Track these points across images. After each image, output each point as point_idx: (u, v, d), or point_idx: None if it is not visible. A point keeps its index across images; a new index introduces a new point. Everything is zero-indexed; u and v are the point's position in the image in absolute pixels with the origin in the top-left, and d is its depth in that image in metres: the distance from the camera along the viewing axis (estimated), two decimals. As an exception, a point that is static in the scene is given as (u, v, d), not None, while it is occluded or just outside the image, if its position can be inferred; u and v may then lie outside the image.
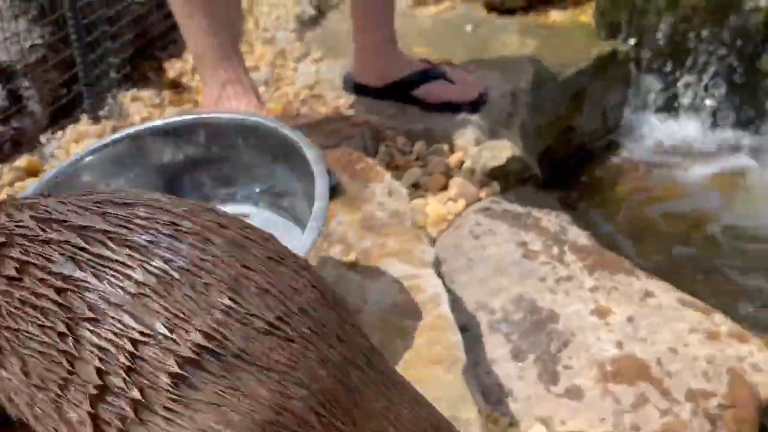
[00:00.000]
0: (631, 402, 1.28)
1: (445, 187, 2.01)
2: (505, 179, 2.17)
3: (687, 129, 2.90)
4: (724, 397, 1.35)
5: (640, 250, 2.32)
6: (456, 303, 1.53)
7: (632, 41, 2.94)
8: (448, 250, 1.66)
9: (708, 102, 2.85)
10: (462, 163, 2.11)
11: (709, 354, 1.45)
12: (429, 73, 2.21)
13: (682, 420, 1.27)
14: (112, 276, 0.72)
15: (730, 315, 1.98)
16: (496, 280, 1.56)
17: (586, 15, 3.14)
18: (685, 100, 2.90)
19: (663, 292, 1.62)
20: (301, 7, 2.93)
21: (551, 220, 1.85)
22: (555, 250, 1.66)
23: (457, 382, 1.02)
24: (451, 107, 2.19)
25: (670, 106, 2.95)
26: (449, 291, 1.54)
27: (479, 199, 1.99)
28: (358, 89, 2.27)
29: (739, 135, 2.79)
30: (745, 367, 1.52)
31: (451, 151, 2.13)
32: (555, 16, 3.22)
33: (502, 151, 2.15)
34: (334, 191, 1.45)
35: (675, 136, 2.89)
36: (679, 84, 2.91)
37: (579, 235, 1.81)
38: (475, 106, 2.21)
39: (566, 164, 2.80)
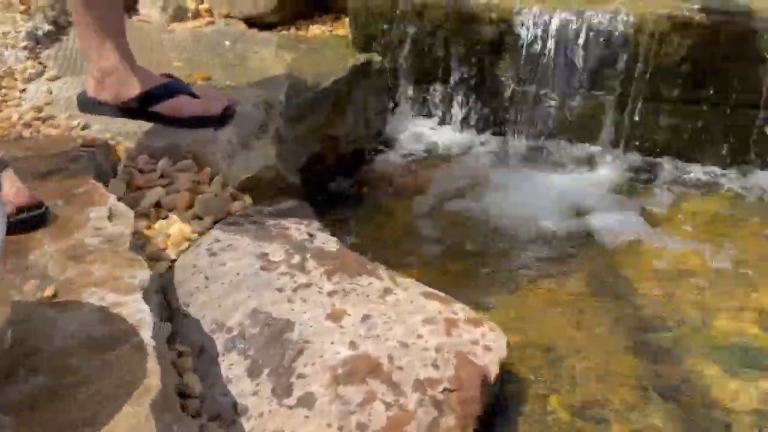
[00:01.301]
0: (358, 401, 1.30)
1: (191, 205, 1.92)
2: (260, 190, 2.14)
3: (440, 133, 3.09)
4: (450, 382, 1.42)
5: (404, 248, 2.42)
6: (192, 325, 1.45)
7: (385, 53, 3.08)
8: (186, 271, 1.58)
9: (456, 108, 3.07)
10: (211, 178, 2.04)
11: (440, 343, 1.52)
12: (171, 88, 2.12)
13: (408, 411, 1.31)
14: None
15: (476, 301, 2.16)
16: (233, 297, 1.51)
17: (344, 29, 3.24)
18: (437, 106, 3.10)
19: (403, 290, 1.67)
20: (33, 23, 2.66)
21: (301, 228, 1.84)
22: (297, 258, 1.65)
23: (140, 414, 0.93)
24: (197, 122, 2.11)
25: (424, 113, 3.13)
26: (185, 314, 1.46)
27: (229, 214, 1.94)
28: (94, 107, 2.10)
29: (484, 138, 3.04)
30: (477, 350, 1.62)
31: (200, 166, 2.05)
32: (314, 30, 3.28)
33: (254, 162, 2.12)
34: (25, 223, 1.30)
35: (431, 139, 3.07)
36: (431, 92, 3.10)
37: (328, 241, 1.83)
38: (221, 120, 2.15)
39: (335, 169, 2.86)
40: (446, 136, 3.08)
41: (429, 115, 3.14)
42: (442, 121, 3.12)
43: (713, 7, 2.63)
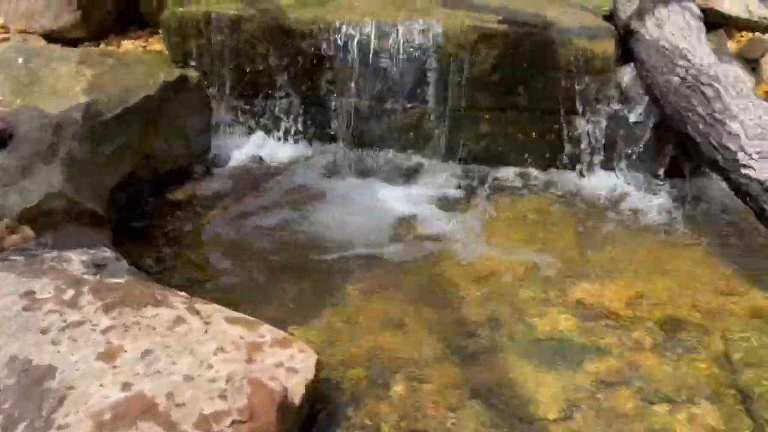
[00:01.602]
0: (124, 449, 1.17)
1: (-47, 242, 1.68)
2: (47, 220, 1.93)
3: (268, 148, 3.00)
4: (240, 413, 1.32)
5: (223, 269, 2.29)
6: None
7: (204, 67, 2.94)
8: (-70, 319, 1.35)
9: (282, 122, 3.00)
10: (-18, 210, 1.81)
11: (232, 371, 1.42)
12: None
13: (184, 452, 1.19)
14: None
15: (295, 319, 2.09)
16: (-15, 344, 1.31)
17: (160, 43, 3.07)
18: (264, 121, 3.01)
19: (200, 318, 1.56)
20: None
21: (85, 259, 1.67)
22: (69, 293, 1.47)
23: None
24: (-36, 148, 1.87)
25: (251, 127, 3.03)
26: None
27: (3, 250, 1.71)
28: None
29: (311, 151, 2.98)
30: (280, 374, 1.54)
31: (-34, 198, 1.81)
32: (127, 45, 3.08)
33: (36, 190, 1.91)
34: None
35: (258, 154, 2.97)
36: (256, 106, 3.00)
37: (118, 271, 1.67)
38: (-6, 143, 1.92)
39: (152, 190, 2.68)
40: (274, 150, 2.99)
41: (256, 130, 3.04)
42: (269, 136, 3.03)
43: (516, 19, 2.76)
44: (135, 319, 1.45)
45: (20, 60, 2.64)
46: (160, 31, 3.08)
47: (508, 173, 2.89)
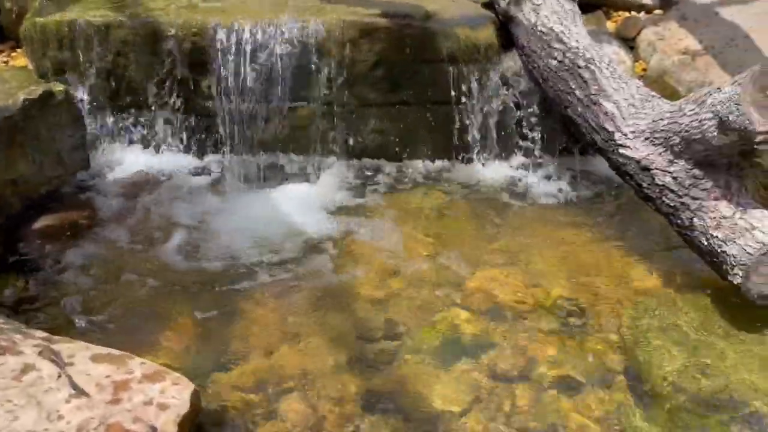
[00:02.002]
0: None
1: None
2: None
3: (151, 158, 2.84)
4: (93, 466, 1.21)
5: (106, 293, 2.14)
6: None
7: (74, 80, 2.74)
8: None
9: (163, 132, 2.84)
10: None
11: (86, 419, 1.29)
12: None
13: None
14: None
15: (179, 342, 1.96)
16: None
17: (24, 58, 2.84)
18: (143, 130, 2.84)
19: (50, 363, 1.41)
20: None
21: None
22: None
23: None
24: None
25: (131, 139, 2.85)
26: None
27: None
28: None
29: (198, 160, 2.84)
30: (149, 412, 1.42)
31: None
32: (-16, 60, 2.85)
33: None
34: None
35: (141, 168, 2.80)
36: (134, 118, 2.83)
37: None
38: None
39: (25, 216, 2.47)
40: (156, 162, 2.82)
41: (135, 143, 2.86)
42: (150, 147, 2.86)
43: (395, 12, 2.70)
44: (-27, 371, 1.30)
45: None
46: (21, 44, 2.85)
47: (403, 168, 2.84)
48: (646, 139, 2.07)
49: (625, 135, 2.12)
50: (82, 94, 2.77)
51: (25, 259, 2.30)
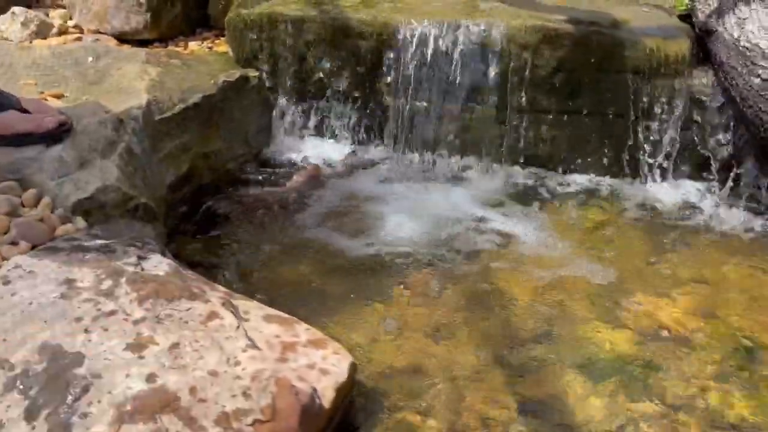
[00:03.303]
0: (143, 441, 1.15)
1: (8, 230, 1.74)
2: (100, 212, 1.97)
3: (326, 149, 2.99)
4: (263, 412, 1.29)
5: (275, 269, 2.28)
6: (-30, 363, 1.27)
7: (266, 68, 2.97)
8: (-23, 302, 1.40)
9: (341, 123, 2.98)
10: (39, 199, 1.86)
11: (258, 370, 1.39)
12: (-6, 103, 1.94)
13: (202, 448, 1.17)
14: None
15: (341, 321, 2.05)
16: (21, 329, 1.34)
17: (226, 45, 3.12)
18: (322, 122, 3.00)
19: (232, 315, 1.54)
20: None
21: (129, 251, 1.69)
22: (107, 283, 1.49)
23: None
24: (27, 139, 1.94)
25: (310, 129, 3.02)
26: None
27: (54, 238, 1.76)
28: None
29: (370, 153, 2.95)
30: (311, 375, 1.50)
31: (25, 187, 1.88)
32: (193, 46, 3.15)
33: (90, 182, 1.95)
34: None
35: (316, 155, 2.96)
36: (316, 108, 3.00)
37: (159, 263, 1.68)
38: (54, 136, 1.98)
39: (211, 188, 2.71)
40: (332, 151, 2.97)
41: (314, 132, 3.03)
42: (328, 137, 3.01)
43: (582, 19, 2.64)
44: (168, 311, 1.45)
45: (90, 59, 2.74)
46: (224, 32, 3.13)
47: (572, 179, 2.75)
48: None
49: (839, 164, 1.90)
50: (272, 82, 2.98)
51: (208, 224, 2.52)
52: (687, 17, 2.66)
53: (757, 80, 2.23)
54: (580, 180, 2.77)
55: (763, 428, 1.70)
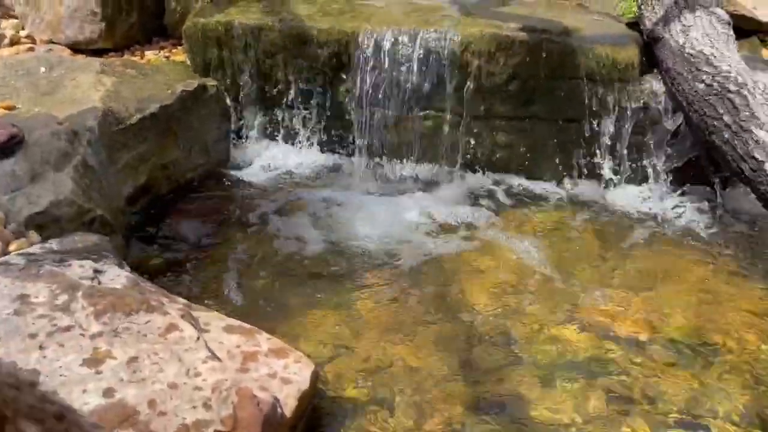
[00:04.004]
0: (99, 457, 1.14)
1: (-44, 246, 1.70)
2: (55, 225, 1.94)
3: (290, 155, 2.99)
4: (224, 423, 1.29)
5: (236, 278, 2.28)
6: None
7: (225, 77, 2.96)
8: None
9: (302, 131, 2.99)
10: (-10, 215, 1.83)
11: (219, 380, 1.39)
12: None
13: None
14: None
15: (303, 329, 2.05)
16: (-28, 347, 1.31)
17: (183, 54, 3.10)
18: (284, 128, 3.00)
19: (191, 326, 1.53)
20: None
21: (85, 265, 1.67)
22: (62, 298, 1.47)
23: None
24: (-27, 153, 1.90)
25: (271, 136, 3.02)
26: None
27: (7, 254, 1.73)
28: None
29: (331, 159, 2.97)
30: (273, 384, 1.50)
31: (-25, 203, 1.84)
32: (150, 55, 3.12)
33: (44, 195, 1.92)
34: None
35: (278, 163, 2.96)
36: (276, 116, 3.00)
37: (117, 276, 1.66)
38: (5, 149, 1.95)
39: (171, 199, 2.69)
40: (293, 159, 2.97)
41: (276, 139, 3.03)
42: (288, 144, 3.01)
43: (535, 27, 2.70)
44: (126, 324, 1.44)
45: (42, 69, 2.69)
46: (181, 42, 3.11)
47: (530, 184, 2.81)
48: (802, 170, 1.93)
49: (778, 165, 1.99)
50: (231, 91, 2.97)
51: (167, 236, 2.50)
52: (635, 25, 2.75)
53: (702, 85, 2.32)
54: (537, 184, 2.83)
55: (708, 417, 1.76)
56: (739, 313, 2.12)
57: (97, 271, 1.66)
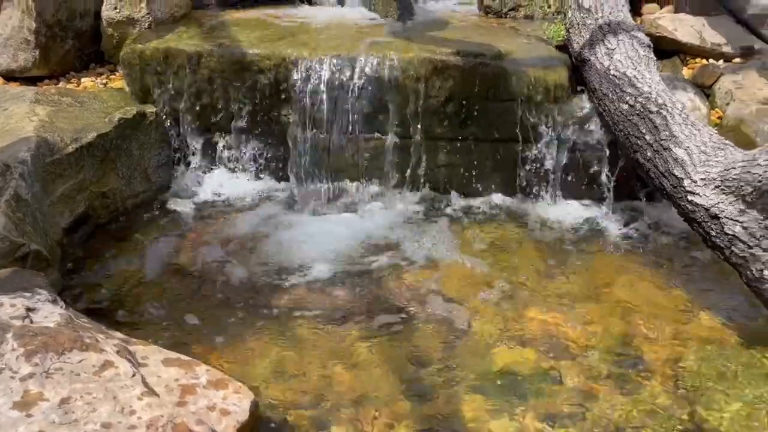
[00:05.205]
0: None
1: None
2: (-13, 263, 1.91)
3: (231, 181, 2.99)
4: (157, 461, 1.29)
5: (178, 306, 2.26)
6: None
7: (164, 103, 2.94)
8: None
9: (244, 157, 2.99)
10: None
11: (154, 417, 1.38)
12: None
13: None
14: None
15: (244, 357, 2.06)
16: None
17: (121, 80, 3.07)
18: (226, 154, 3.00)
19: (128, 362, 1.53)
20: None
21: (17, 303, 1.64)
22: (-9, 340, 1.45)
23: None
24: None
25: (214, 161, 3.02)
26: None
27: (-66, 295, 1.69)
28: None
29: (273, 185, 2.98)
30: (212, 416, 1.51)
31: None
32: (87, 82, 3.08)
33: (-26, 233, 1.89)
34: None
35: (220, 190, 2.96)
36: (218, 142, 3.00)
37: (51, 314, 1.65)
38: (-68, 186, 1.90)
39: (110, 228, 2.66)
40: (236, 185, 2.97)
41: (218, 165, 3.03)
42: (230, 170, 3.01)
43: (469, 51, 2.79)
44: (58, 365, 1.43)
45: (-27, 100, 2.64)
46: (119, 68, 3.09)
47: (471, 202, 2.89)
48: (717, 187, 2.05)
49: (695, 182, 2.11)
50: (170, 117, 2.96)
51: (111, 266, 2.46)
52: (564, 47, 2.86)
53: (626, 106, 2.44)
54: (478, 202, 2.91)
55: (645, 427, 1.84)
56: (662, 321, 2.21)
57: (29, 309, 1.64)
